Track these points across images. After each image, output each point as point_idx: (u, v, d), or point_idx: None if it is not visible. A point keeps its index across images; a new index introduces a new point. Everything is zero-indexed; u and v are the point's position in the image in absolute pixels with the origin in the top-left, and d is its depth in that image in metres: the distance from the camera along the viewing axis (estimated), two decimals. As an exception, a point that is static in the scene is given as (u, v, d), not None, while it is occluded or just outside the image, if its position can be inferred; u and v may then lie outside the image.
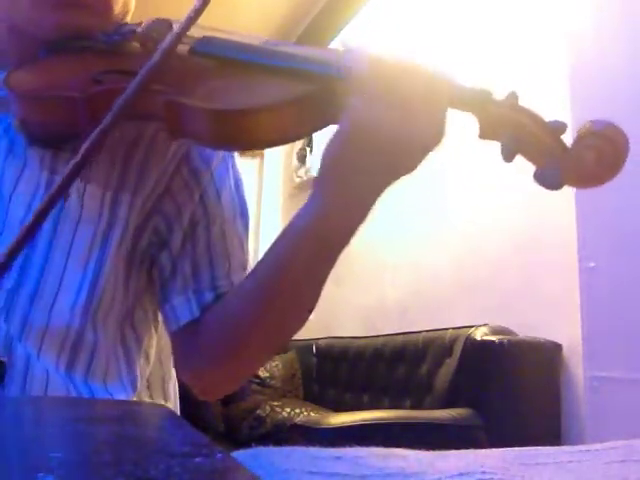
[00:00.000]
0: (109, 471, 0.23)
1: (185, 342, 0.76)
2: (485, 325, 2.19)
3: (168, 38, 0.61)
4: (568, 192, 1.51)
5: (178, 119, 0.64)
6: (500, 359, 2.06)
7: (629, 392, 1.80)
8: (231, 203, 0.79)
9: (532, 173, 0.58)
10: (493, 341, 2.08)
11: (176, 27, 0.63)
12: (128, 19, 0.77)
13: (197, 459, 0.24)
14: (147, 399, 0.82)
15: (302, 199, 0.63)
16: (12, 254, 0.53)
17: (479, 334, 2.14)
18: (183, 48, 0.67)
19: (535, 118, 0.60)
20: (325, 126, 0.63)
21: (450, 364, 2.23)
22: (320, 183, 0.61)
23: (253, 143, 0.67)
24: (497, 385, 2.06)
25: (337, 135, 0.59)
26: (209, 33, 0.70)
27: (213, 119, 0.63)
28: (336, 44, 0.74)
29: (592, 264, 1.89)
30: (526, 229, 2.25)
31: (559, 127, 0.59)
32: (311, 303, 0.68)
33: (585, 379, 1.97)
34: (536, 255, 2.22)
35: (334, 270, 0.65)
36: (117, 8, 0.74)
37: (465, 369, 2.15)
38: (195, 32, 0.69)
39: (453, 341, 2.26)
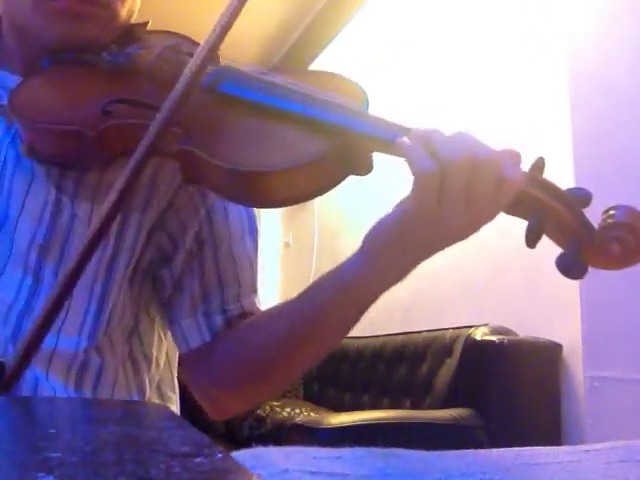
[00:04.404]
0: (109, 471, 0.23)
1: (196, 365, 0.75)
2: (485, 325, 2.19)
3: (186, 75, 0.59)
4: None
5: (194, 170, 0.62)
6: (500, 359, 2.05)
7: (629, 392, 1.80)
8: (239, 220, 0.77)
9: (555, 261, 0.57)
10: (493, 341, 2.08)
11: (187, 50, 0.61)
12: (134, 18, 0.76)
13: (197, 459, 0.24)
14: (155, 394, 0.82)
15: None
16: (55, 306, 0.54)
17: (479, 334, 2.14)
18: (204, 82, 0.65)
19: (558, 194, 0.58)
20: (345, 178, 0.61)
21: (450, 364, 2.23)
22: (369, 253, 0.61)
23: (274, 202, 0.64)
24: (497, 385, 2.06)
25: (400, 216, 0.58)
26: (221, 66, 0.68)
27: (232, 178, 0.60)
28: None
29: (592, 264, 1.88)
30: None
31: (583, 198, 0.58)
32: (338, 343, 0.69)
33: (585, 379, 1.97)
34: (536, 255, 2.21)
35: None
36: (123, 14, 0.72)
37: (465, 369, 2.15)
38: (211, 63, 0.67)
39: (453, 341, 2.26)
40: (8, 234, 0.69)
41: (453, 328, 2.33)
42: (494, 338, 2.09)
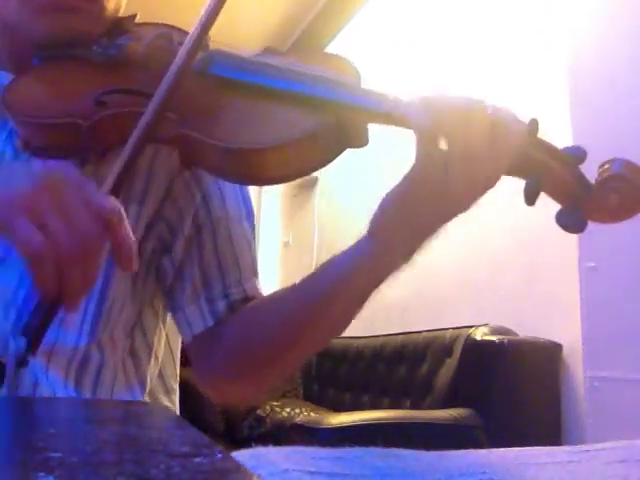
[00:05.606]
0: (109, 471, 0.23)
1: (201, 352, 0.75)
2: (485, 325, 2.19)
3: (178, 59, 0.59)
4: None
5: (190, 152, 0.63)
6: (500, 359, 2.05)
7: (629, 392, 1.80)
8: (236, 204, 0.77)
9: (555, 216, 0.59)
10: (493, 341, 2.08)
11: (178, 39, 0.62)
12: (121, 11, 0.76)
13: (197, 459, 0.24)
14: (159, 387, 0.82)
15: (302, 198, 0.63)
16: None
17: (479, 334, 2.14)
18: (194, 66, 0.65)
19: (554, 153, 0.59)
20: (342, 152, 0.62)
21: (450, 364, 2.23)
22: (378, 229, 0.61)
23: (272, 179, 0.64)
24: (497, 385, 2.06)
25: (405, 188, 0.58)
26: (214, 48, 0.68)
27: (228, 157, 0.61)
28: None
29: (592, 264, 1.89)
30: (526, 229, 2.25)
31: (578, 156, 0.59)
32: (348, 324, 0.68)
33: (585, 379, 1.97)
34: (536, 255, 2.21)
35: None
36: (110, 7, 0.72)
37: (465, 369, 2.15)
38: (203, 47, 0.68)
39: (453, 341, 2.26)
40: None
41: (453, 328, 2.33)
42: (494, 338, 2.08)
